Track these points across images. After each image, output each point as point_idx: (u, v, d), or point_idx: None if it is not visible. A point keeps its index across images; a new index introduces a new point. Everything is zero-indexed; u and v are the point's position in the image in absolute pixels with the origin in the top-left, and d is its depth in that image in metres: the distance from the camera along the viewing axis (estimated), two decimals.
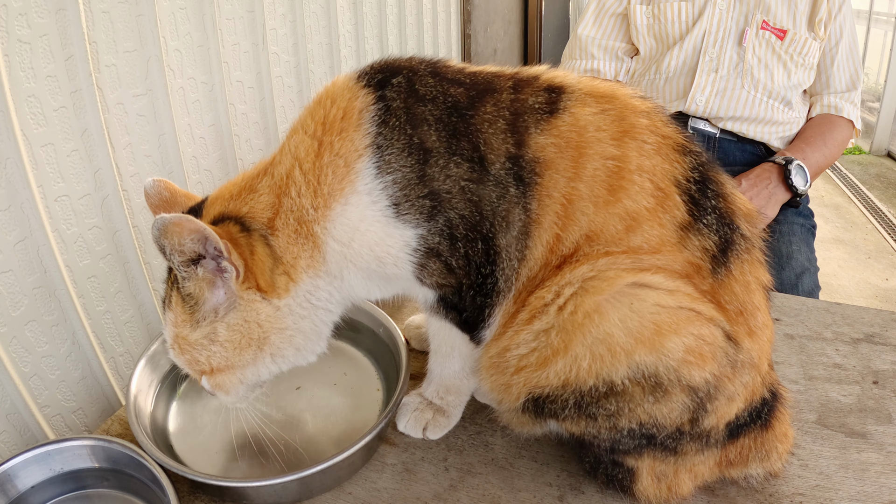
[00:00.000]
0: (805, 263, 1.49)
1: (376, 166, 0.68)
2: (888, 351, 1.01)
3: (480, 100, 0.70)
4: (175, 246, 0.65)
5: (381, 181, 0.68)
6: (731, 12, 1.52)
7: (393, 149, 0.68)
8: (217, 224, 0.71)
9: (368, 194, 0.69)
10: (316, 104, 0.72)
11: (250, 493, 0.77)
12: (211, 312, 0.71)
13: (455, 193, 0.68)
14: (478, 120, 0.69)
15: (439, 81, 0.71)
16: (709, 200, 0.69)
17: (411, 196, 0.68)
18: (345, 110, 0.70)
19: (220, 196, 0.75)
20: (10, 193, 0.86)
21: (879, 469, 0.79)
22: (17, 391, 0.89)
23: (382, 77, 0.71)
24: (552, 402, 0.70)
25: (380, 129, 0.68)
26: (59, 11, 0.89)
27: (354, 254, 0.71)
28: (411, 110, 0.69)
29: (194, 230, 0.65)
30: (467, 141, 0.68)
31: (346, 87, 0.72)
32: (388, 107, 0.69)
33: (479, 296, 0.73)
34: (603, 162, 0.68)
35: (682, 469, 0.73)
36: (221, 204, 0.74)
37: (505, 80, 0.72)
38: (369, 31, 1.82)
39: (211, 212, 0.74)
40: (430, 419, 0.86)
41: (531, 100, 0.70)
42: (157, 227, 0.63)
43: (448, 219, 0.69)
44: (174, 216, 0.64)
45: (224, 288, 0.71)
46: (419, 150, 0.68)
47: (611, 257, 0.68)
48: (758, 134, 1.55)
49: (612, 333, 0.65)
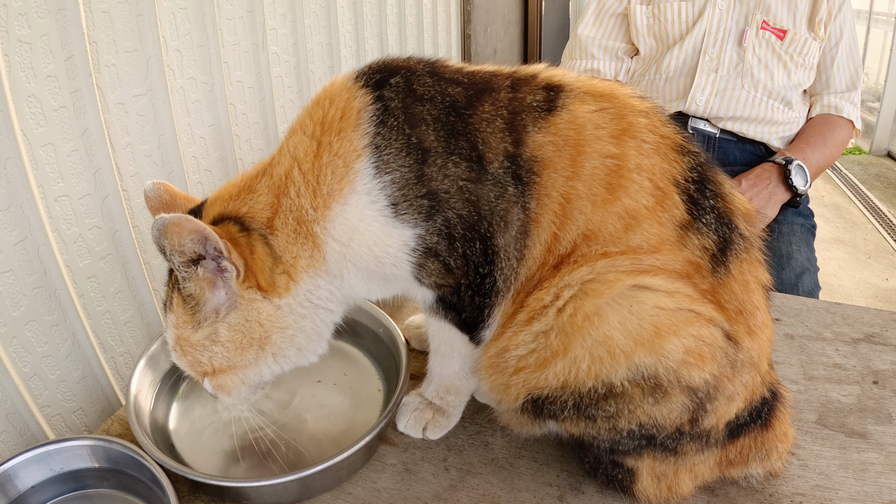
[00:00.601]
0: (805, 263, 1.49)
1: (375, 166, 0.68)
2: (888, 351, 1.01)
3: (479, 99, 0.70)
4: (175, 246, 0.66)
5: (379, 181, 0.68)
6: (731, 12, 1.52)
7: (391, 149, 0.68)
8: (217, 224, 0.71)
9: (367, 194, 0.69)
10: (314, 105, 0.72)
11: (250, 493, 0.77)
12: (212, 313, 0.71)
13: (453, 193, 0.68)
14: (476, 119, 0.69)
15: (437, 81, 0.71)
16: (707, 200, 0.69)
17: (410, 196, 0.68)
18: (343, 111, 0.70)
19: (220, 197, 0.75)
20: (10, 193, 0.86)
21: (879, 469, 0.79)
22: (17, 391, 0.89)
23: (380, 77, 0.71)
24: (551, 403, 0.70)
25: (378, 129, 0.68)
26: (59, 11, 0.89)
27: (354, 253, 0.71)
28: (409, 110, 0.69)
29: (194, 230, 0.65)
30: (465, 140, 0.68)
31: (344, 87, 0.72)
32: (386, 107, 0.69)
33: (477, 296, 0.73)
34: (602, 160, 0.68)
35: (682, 469, 0.73)
36: (221, 205, 0.74)
37: (503, 78, 0.72)
38: (369, 31, 1.82)
39: (210, 213, 0.74)
40: (429, 419, 0.86)
41: (529, 98, 0.70)
42: (157, 227, 0.63)
43: (446, 218, 0.69)
44: (174, 216, 0.63)
45: (225, 288, 0.71)
46: (417, 149, 0.68)
47: (610, 259, 0.67)
48: (758, 134, 1.55)
49: (611, 336, 0.65)
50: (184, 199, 0.80)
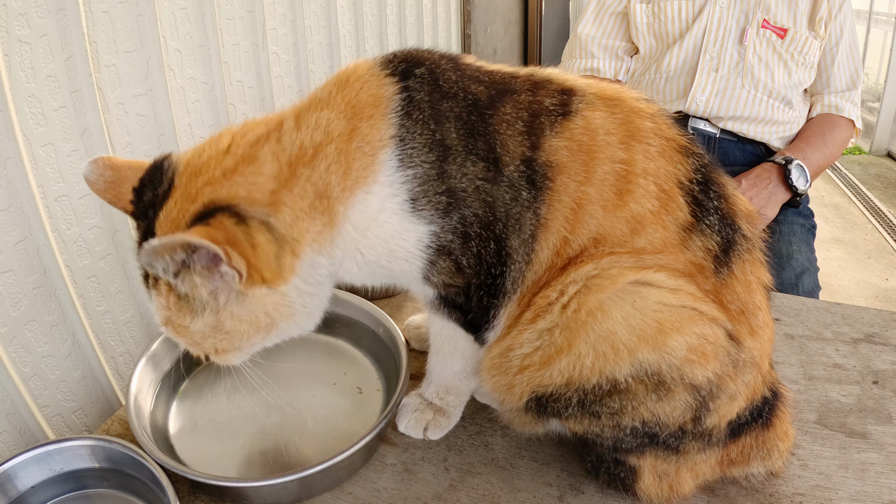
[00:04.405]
0: (805, 263, 1.49)
1: (399, 159, 0.67)
2: (888, 351, 1.01)
3: (500, 100, 0.69)
4: (168, 264, 0.62)
5: (402, 174, 0.67)
6: (732, 10, 1.52)
7: (415, 143, 0.67)
8: (208, 217, 0.64)
9: (390, 186, 0.68)
10: (343, 84, 0.69)
11: (250, 493, 0.77)
12: (210, 300, 0.66)
13: (470, 192, 0.68)
14: (496, 120, 0.68)
15: (460, 77, 0.70)
16: (711, 201, 0.70)
17: (429, 192, 0.67)
18: (375, 97, 0.68)
19: (204, 169, 0.67)
20: (10, 193, 0.86)
21: (879, 469, 0.79)
22: (17, 391, 0.89)
23: (406, 67, 0.70)
24: (555, 400, 0.70)
25: (403, 120, 0.67)
26: (59, 11, 0.89)
27: (368, 244, 0.70)
28: (435, 105, 0.68)
29: (187, 245, 0.60)
30: (483, 141, 0.68)
31: (371, 72, 0.70)
32: (411, 98, 0.68)
33: (486, 296, 0.73)
34: (612, 166, 0.68)
35: (683, 468, 0.73)
36: (210, 187, 0.66)
37: (523, 80, 0.72)
38: (369, 31, 1.82)
39: (196, 194, 0.66)
40: (430, 419, 0.86)
41: (547, 101, 0.70)
42: (146, 256, 0.59)
43: (462, 217, 0.68)
44: (164, 241, 0.59)
45: (220, 274, 0.65)
46: (440, 146, 0.67)
47: (614, 256, 0.68)
48: (758, 134, 1.55)
49: (615, 331, 0.65)
50: (128, 169, 0.72)
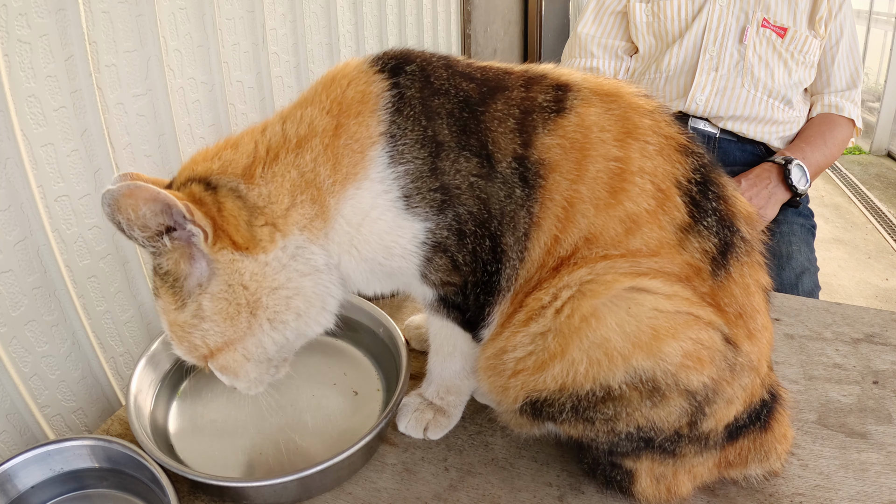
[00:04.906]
0: (805, 263, 1.49)
1: (389, 155, 0.67)
2: (888, 351, 1.01)
3: (492, 96, 0.69)
4: (133, 220, 0.61)
5: (393, 171, 0.67)
6: (732, 9, 1.51)
7: (407, 139, 0.67)
8: (183, 188, 0.67)
9: (381, 182, 0.68)
10: (329, 82, 0.70)
11: (250, 493, 0.77)
12: (195, 288, 0.67)
13: (464, 189, 0.68)
14: (487, 117, 0.68)
15: (451, 74, 0.70)
16: (709, 202, 0.69)
17: (423, 189, 0.67)
18: (362, 94, 0.68)
19: (192, 161, 0.71)
20: (10, 193, 0.86)
21: (879, 469, 0.79)
22: (17, 391, 0.89)
23: (396, 64, 0.70)
24: (549, 405, 0.70)
25: (393, 117, 0.67)
26: (59, 11, 0.89)
27: (363, 239, 0.70)
28: (426, 102, 0.68)
29: (150, 198, 0.60)
30: (476, 138, 0.68)
31: (360, 70, 0.70)
32: (402, 94, 0.68)
33: (482, 294, 0.73)
34: (605, 163, 0.68)
35: (680, 470, 0.73)
36: (189, 168, 0.70)
37: (516, 77, 0.72)
38: (369, 31, 1.82)
39: (178, 180, 0.70)
40: (430, 419, 0.86)
41: (540, 97, 0.70)
42: (107, 202, 0.58)
43: (457, 214, 0.68)
44: (123, 185, 0.59)
45: (204, 258, 0.66)
46: (432, 142, 0.67)
47: (609, 261, 0.67)
48: (758, 134, 1.55)
49: (609, 338, 0.65)
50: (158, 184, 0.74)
